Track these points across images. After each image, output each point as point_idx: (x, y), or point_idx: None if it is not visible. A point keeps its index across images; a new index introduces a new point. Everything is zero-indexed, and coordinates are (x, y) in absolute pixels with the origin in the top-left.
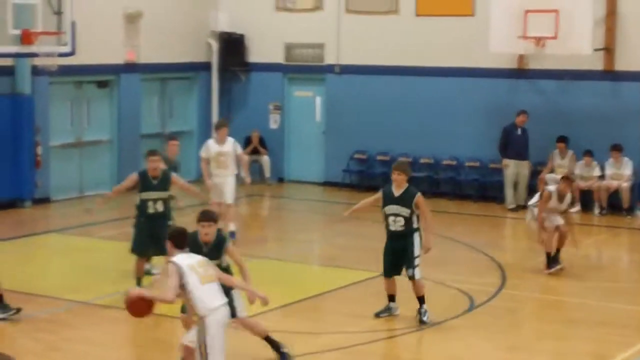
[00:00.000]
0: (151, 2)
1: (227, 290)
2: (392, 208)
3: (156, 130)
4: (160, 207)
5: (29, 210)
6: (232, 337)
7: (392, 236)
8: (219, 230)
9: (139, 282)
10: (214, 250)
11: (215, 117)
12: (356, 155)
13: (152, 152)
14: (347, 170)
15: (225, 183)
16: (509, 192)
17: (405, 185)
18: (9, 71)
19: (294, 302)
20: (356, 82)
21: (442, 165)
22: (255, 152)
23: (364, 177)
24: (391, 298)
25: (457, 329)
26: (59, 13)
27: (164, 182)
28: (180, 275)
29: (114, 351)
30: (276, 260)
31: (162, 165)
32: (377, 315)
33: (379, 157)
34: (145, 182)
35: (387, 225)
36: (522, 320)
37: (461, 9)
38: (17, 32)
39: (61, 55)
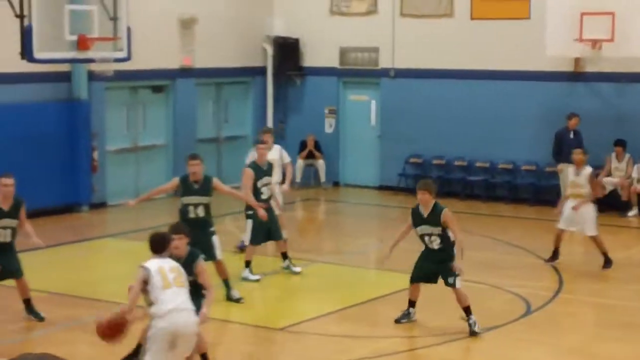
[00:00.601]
0: (206, 7)
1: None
2: (423, 229)
3: (211, 135)
4: (201, 212)
5: (86, 215)
6: (298, 343)
7: (431, 251)
8: (192, 248)
9: None
10: (185, 266)
11: (270, 122)
12: (412, 160)
13: (192, 157)
14: (402, 174)
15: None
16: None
17: (432, 203)
18: (66, 77)
19: (351, 306)
20: (411, 86)
21: (498, 169)
22: (310, 156)
23: (420, 181)
24: (412, 304)
25: (514, 333)
26: (114, 19)
27: (205, 187)
28: (146, 279)
29: None
30: (332, 265)
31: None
32: (397, 321)
33: (435, 161)
34: (186, 187)
35: (425, 245)
36: (580, 324)
37: (516, 12)
38: (74, 37)
39: (117, 60)
